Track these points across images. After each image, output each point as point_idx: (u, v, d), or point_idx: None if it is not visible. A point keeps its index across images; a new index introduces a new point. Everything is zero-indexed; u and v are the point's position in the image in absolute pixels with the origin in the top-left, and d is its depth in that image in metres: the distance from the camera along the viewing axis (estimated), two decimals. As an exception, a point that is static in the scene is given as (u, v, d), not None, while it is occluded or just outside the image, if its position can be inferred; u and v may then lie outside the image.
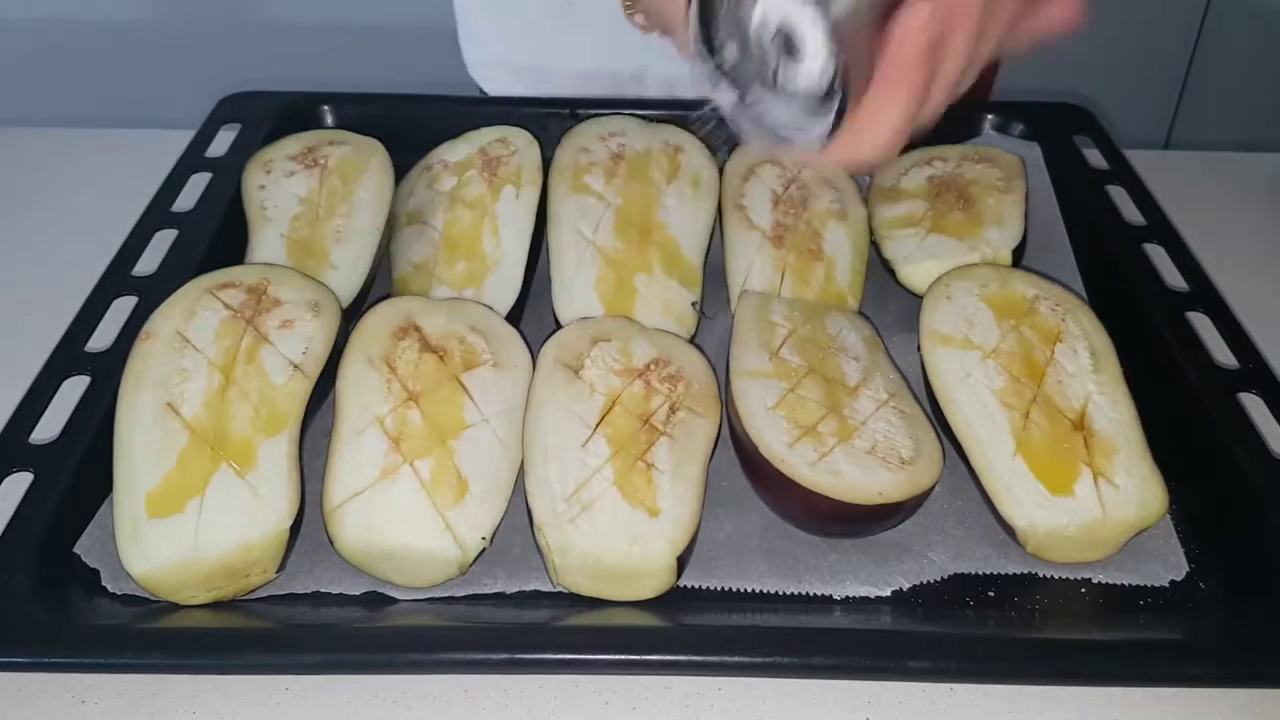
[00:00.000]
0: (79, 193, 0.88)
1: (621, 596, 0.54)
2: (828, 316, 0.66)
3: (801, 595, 0.55)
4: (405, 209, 0.76)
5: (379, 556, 0.54)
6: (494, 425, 0.58)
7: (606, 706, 0.52)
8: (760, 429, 0.57)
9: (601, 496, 0.54)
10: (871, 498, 0.54)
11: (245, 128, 0.84)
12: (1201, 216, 0.82)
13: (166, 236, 0.73)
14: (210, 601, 0.54)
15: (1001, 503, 0.56)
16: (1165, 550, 0.57)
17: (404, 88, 0.90)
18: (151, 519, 0.53)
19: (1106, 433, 0.58)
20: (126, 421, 0.57)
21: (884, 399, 0.60)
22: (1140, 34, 1.89)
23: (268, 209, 0.73)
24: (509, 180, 0.75)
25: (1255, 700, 0.52)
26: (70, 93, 1.76)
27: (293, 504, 0.55)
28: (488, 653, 0.50)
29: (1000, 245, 0.70)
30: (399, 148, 0.78)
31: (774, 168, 0.77)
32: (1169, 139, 2.05)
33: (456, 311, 0.64)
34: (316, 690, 0.52)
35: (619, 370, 0.60)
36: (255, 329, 0.61)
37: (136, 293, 0.68)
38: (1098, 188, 0.79)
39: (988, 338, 0.63)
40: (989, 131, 0.86)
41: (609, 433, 0.57)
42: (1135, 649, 0.51)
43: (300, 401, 0.59)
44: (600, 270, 0.69)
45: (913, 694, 0.52)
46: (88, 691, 0.52)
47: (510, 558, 0.57)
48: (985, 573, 0.56)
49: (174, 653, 0.50)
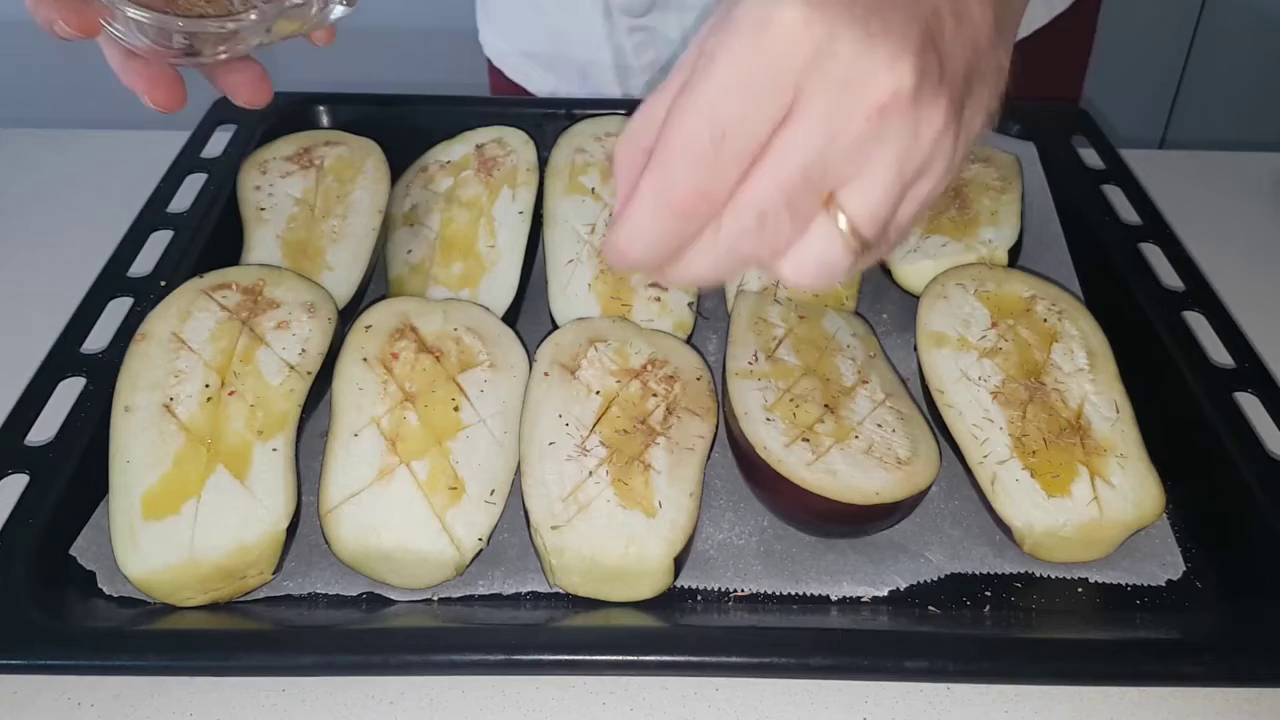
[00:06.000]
0: (74, 193, 0.88)
1: (618, 597, 0.54)
2: (824, 317, 0.66)
3: (798, 595, 0.55)
4: (401, 209, 0.76)
5: (375, 558, 0.54)
6: (490, 426, 0.58)
7: (604, 707, 0.52)
8: (757, 429, 0.57)
9: (598, 497, 0.54)
10: (868, 498, 0.54)
11: (240, 128, 0.83)
12: (1197, 216, 0.82)
13: (162, 238, 0.73)
14: (207, 603, 0.54)
15: (998, 502, 0.56)
16: (1162, 550, 0.57)
17: (400, 88, 0.89)
18: (148, 521, 0.53)
19: (1103, 432, 0.58)
20: (122, 423, 0.57)
21: (880, 399, 0.60)
22: (1136, 34, 1.89)
23: (264, 210, 0.73)
24: (505, 181, 0.75)
25: (1252, 699, 0.52)
26: (65, 93, 1.75)
27: (289, 505, 0.55)
28: (485, 654, 0.50)
29: (996, 245, 0.70)
30: (395, 148, 0.78)
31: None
32: (1164, 138, 2.05)
33: (453, 312, 0.64)
34: (313, 692, 0.52)
35: (615, 371, 0.60)
36: (251, 330, 0.61)
37: (132, 294, 0.68)
38: (1094, 187, 0.79)
39: (984, 338, 0.63)
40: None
41: (606, 434, 0.57)
42: (1132, 648, 0.51)
43: (296, 403, 0.59)
44: (596, 270, 0.69)
45: (910, 694, 0.52)
46: (84, 694, 0.52)
47: (507, 559, 0.56)
48: (982, 573, 0.56)
49: (170, 655, 0.50)
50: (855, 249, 0.39)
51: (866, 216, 0.38)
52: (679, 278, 0.40)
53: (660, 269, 0.40)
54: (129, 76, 0.52)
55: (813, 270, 0.39)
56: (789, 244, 0.39)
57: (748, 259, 0.39)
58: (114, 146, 0.94)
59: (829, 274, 0.39)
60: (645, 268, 0.40)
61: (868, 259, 0.40)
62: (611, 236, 0.39)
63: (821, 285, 0.40)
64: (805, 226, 0.38)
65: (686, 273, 0.40)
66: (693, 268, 0.39)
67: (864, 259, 0.40)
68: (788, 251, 0.39)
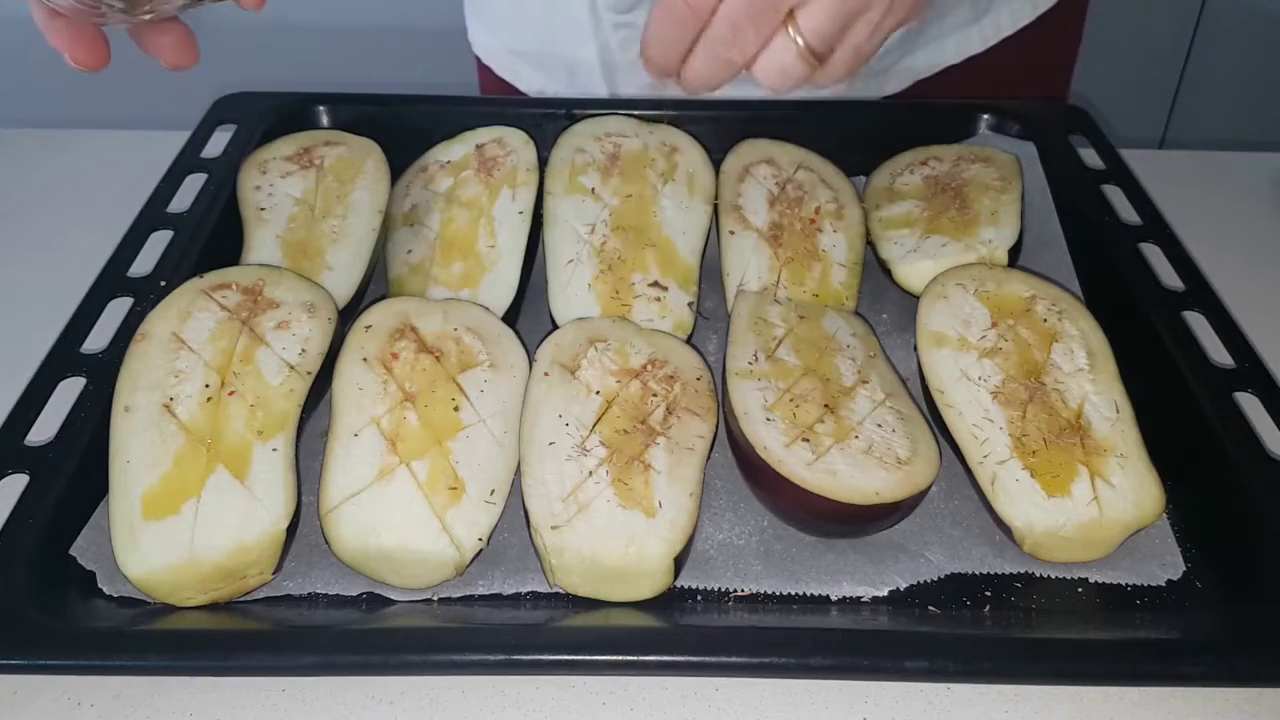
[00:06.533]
0: (74, 193, 0.88)
1: (618, 597, 0.54)
2: (824, 316, 0.66)
3: (798, 595, 0.55)
4: (401, 209, 0.76)
5: (375, 558, 0.54)
6: (490, 426, 0.58)
7: (604, 707, 0.52)
8: (757, 429, 0.57)
9: (598, 497, 0.54)
10: (868, 498, 0.54)
11: (241, 128, 0.83)
12: (1197, 216, 0.82)
13: (162, 237, 0.73)
14: (207, 603, 0.54)
15: (998, 502, 0.56)
16: (1162, 550, 0.57)
17: (400, 88, 0.89)
18: (148, 521, 0.53)
19: (1103, 432, 0.58)
20: (122, 423, 0.57)
21: (880, 399, 0.60)
22: (1136, 33, 1.89)
23: (264, 210, 0.73)
24: (505, 181, 0.75)
25: (1252, 699, 0.52)
26: (65, 93, 1.75)
27: (289, 505, 0.55)
28: (485, 654, 0.50)
29: (996, 245, 0.70)
30: (395, 148, 0.78)
31: (770, 167, 0.77)
32: (1164, 138, 2.05)
33: (453, 312, 0.64)
34: (313, 692, 0.52)
35: (616, 371, 0.60)
36: (251, 330, 0.61)
37: (132, 294, 0.68)
38: (1094, 187, 0.79)
39: (984, 338, 0.63)
40: (985, 131, 0.86)
41: (606, 434, 0.57)
42: (1132, 648, 0.51)
43: (296, 403, 0.59)
44: (596, 270, 0.69)
45: (910, 694, 0.52)
46: (84, 694, 0.52)
47: (507, 559, 0.57)
48: (982, 572, 0.56)
49: (170, 655, 0.50)
50: (809, 60, 0.52)
51: (812, 31, 0.51)
52: (688, 78, 0.55)
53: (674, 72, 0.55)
54: (52, 35, 0.52)
55: (774, 73, 0.53)
56: (756, 51, 0.52)
57: (729, 62, 0.53)
58: (114, 146, 0.94)
59: (787, 78, 0.53)
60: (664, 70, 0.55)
61: (829, 76, 0.54)
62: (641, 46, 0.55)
63: (782, 85, 0.52)
64: (767, 37, 0.51)
65: (691, 72, 0.54)
66: (693, 67, 0.54)
67: (824, 74, 0.54)
68: (757, 58, 0.52)
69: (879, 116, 0.89)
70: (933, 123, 0.85)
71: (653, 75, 0.57)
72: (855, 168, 0.80)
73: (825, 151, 0.79)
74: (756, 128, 0.81)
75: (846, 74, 0.55)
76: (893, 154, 0.81)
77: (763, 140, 0.79)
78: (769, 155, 0.78)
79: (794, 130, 0.81)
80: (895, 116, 0.89)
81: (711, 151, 0.78)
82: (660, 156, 0.76)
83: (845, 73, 0.55)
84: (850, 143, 0.82)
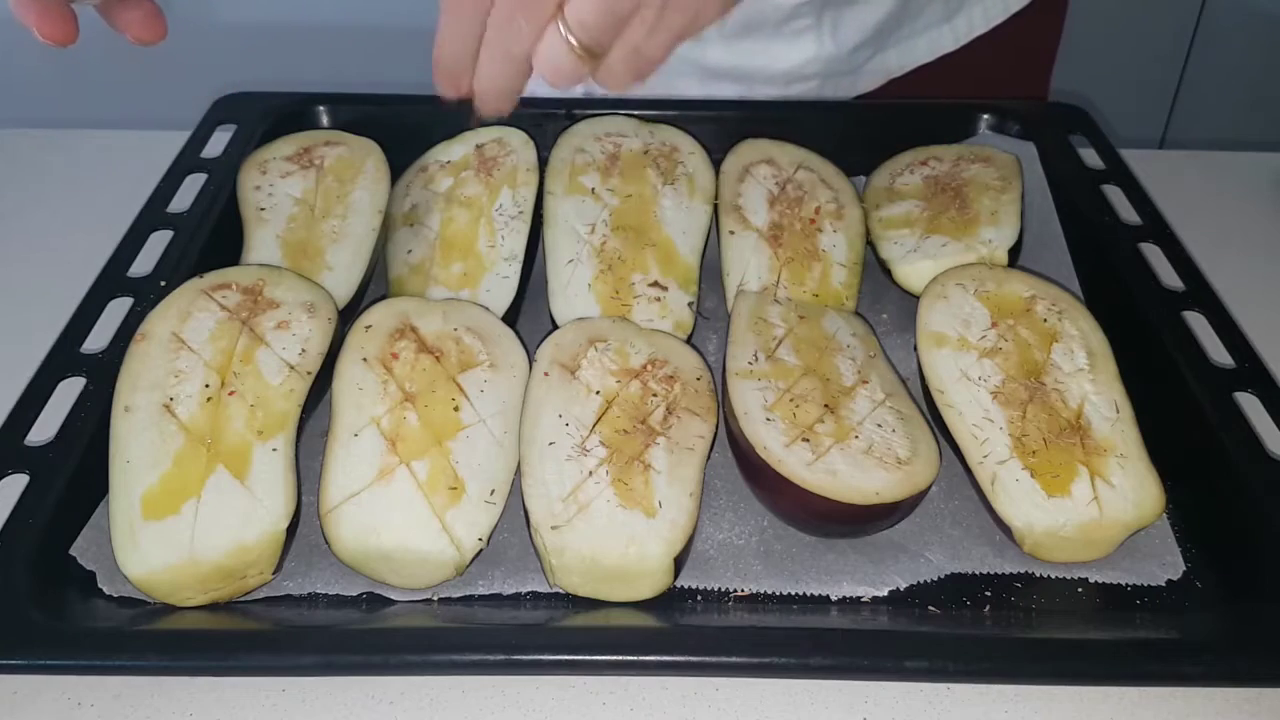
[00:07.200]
0: (74, 193, 0.88)
1: (619, 597, 0.54)
2: (824, 316, 0.66)
3: (798, 595, 0.55)
4: (401, 209, 0.76)
5: (375, 558, 0.54)
6: (490, 426, 0.58)
7: (604, 707, 0.52)
8: (757, 429, 0.57)
9: (598, 497, 0.54)
10: (868, 498, 0.54)
11: (240, 128, 0.83)
12: (1197, 215, 0.82)
13: (162, 237, 0.73)
14: (207, 603, 0.54)
15: (998, 502, 0.56)
16: (1162, 550, 0.57)
17: (400, 88, 0.89)
18: (148, 521, 0.53)
19: (1103, 432, 0.58)
20: (122, 423, 0.57)
21: (880, 399, 0.60)
22: (1136, 33, 1.89)
23: (263, 210, 0.73)
24: (505, 180, 0.75)
25: (1252, 699, 0.52)
26: (64, 93, 1.75)
27: (289, 505, 0.55)
28: (485, 654, 0.50)
29: (996, 245, 0.70)
30: (395, 148, 0.78)
31: (770, 167, 0.77)
32: (1164, 138, 2.05)
33: (453, 312, 0.64)
34: (313, 692, 0.52)
35: (616, 371, 0.60)
36: (251, 330, 0.61)
37: (132, 294, 0.68)
38: (1094, 187, 0.79)
39: (984, 338, 0.63)
40: (985, 131, 0.86)
41: (606, 434, 0.57)
42: (1132, 648, 0.51)
43: (296, 403, 0.59)
44: (597, 270, 0.69)
45: (910, 694, 0.52)
46: (84, 694, 0.52)
47: (507, 559, 0.57)
48: (982, 572, 0.56)
49: (170, 655, 0.50)
50: (579, 54, 0.49)
51: (579, 24, 0.49)
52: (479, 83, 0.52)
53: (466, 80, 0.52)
54: (21, 10, 0.53)
55: (549, 68, 0.50)
56: (532, 43, 0.49)
57: (510, 55, 0.50)
58: (114, 146, 0.94)
59: (561, 74, 0.50)
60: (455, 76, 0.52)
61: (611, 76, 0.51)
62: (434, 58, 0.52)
63: (557, 82, 0.50)
64: (541, 31, 0.49)
65: (481, 76, 0.51)
66: (483, 69, 0.51)
67: (606, 75, 0.51)
68: (535, 52, 0.50)
69: (879, 116, 0.89)
70: (932, 123, 0.85)
71: (445, 87, 0.53)
72: (855, 168, 0.80)
73: (825, 151, 0.79)
74: (756, 128, 0.81)
75: (632, 77, 0.52)
76: (893, 154, 0.81)
77: (763, 140, 0.79)
78: (769, 155, 0.78)
79: (794, 130, 0.81)
80: (895, 116, 0.89)
81: (711, 151, 0.78)
82: (660, 156, 0.76)
83: (629, 75, 0.51)
84: (850, 143, 0.82)
